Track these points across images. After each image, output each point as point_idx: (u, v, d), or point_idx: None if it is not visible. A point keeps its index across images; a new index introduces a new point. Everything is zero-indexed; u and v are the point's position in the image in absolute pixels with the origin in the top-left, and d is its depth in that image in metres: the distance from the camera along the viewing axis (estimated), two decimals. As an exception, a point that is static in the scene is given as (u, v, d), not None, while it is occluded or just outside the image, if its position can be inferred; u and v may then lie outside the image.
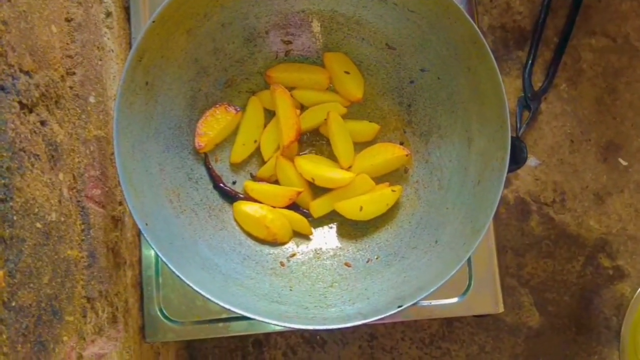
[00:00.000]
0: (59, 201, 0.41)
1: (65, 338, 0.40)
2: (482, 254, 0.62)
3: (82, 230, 0.45)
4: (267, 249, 0.56)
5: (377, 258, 0.55)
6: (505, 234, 0.82)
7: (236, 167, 0.58)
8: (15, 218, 0.34)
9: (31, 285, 0.36)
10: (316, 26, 0.58)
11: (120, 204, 0.55)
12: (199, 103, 0.56)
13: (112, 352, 0.49)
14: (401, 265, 0.53)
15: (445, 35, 0.53)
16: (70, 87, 0.45)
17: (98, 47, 0.52)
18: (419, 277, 0.50)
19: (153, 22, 0.49)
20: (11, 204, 0.34)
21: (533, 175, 0.83)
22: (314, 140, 0.60)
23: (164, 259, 0.45)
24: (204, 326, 0.60)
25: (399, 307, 0.46)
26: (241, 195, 0.57)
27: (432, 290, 0.47)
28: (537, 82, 0.83)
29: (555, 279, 0.82)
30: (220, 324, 0.60)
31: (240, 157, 0.57)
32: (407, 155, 0.56)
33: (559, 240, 0.83)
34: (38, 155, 0.38)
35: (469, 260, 0.62)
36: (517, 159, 0.67)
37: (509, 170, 0.64)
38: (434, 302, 0.61)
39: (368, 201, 0.55)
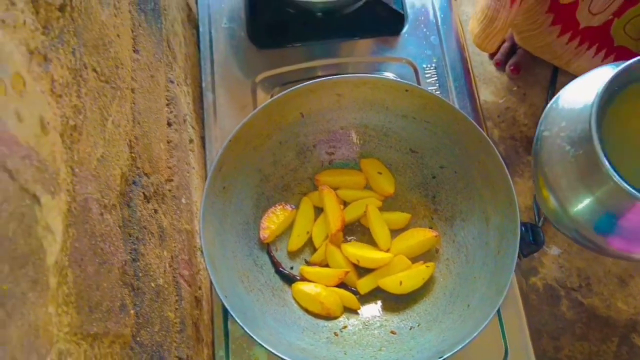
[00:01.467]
0: (164, 271, 0.53)
1: (166, 382, 0.50)
2: (515, 328, 0.69)
3: (176, 301, 0.56)
4: (322, 322, 0.65)
5: (418, 325, 0.63)
6: (539, 318, 0.89)
7: (293, 255, 0.70)
8: (140, 274, 0.46)
9: (147, 329, 0.47)
10: (353, 139, 0.72)
11: (200, 288, 0.66)
12: (262, 203, 0.70)
13: (195, 414, 0.57)
14: (440, 328, 0.61)
15: (456, 138, 0.66)
16: (169, 190, 0.60)
17: (187, 163, 0.67)
18: (455, 335, 0.58)
19: (230, 141, 0.64)
20: (138, 263, 0.46)
21: (557, 263, 0.91)
22: (356, 230, 0.71)
23: (241, 324, 0.56)
24: (268, 404, 0.67)
25: (440, 358, 0.54)
26: (298, 278, 0.67)
27: (467, 342, 0.55)
28: (549, 181, 0.94)
29: (593, 359, 0.86)
30: (283, 400, 0.67)
31: (296, 246, 0.69)
32: (436, 236, 0.67)
33: (591, 322, 0.88)
34: (153, 233, 0.51)
35: (503, 334, 0.69)
36: (536, 240, 0.75)
37: (531, 251, 0.74)
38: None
39: (406, 277, 0.65)
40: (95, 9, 0.43)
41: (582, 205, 0.51)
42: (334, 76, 0.67)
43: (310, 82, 0.67)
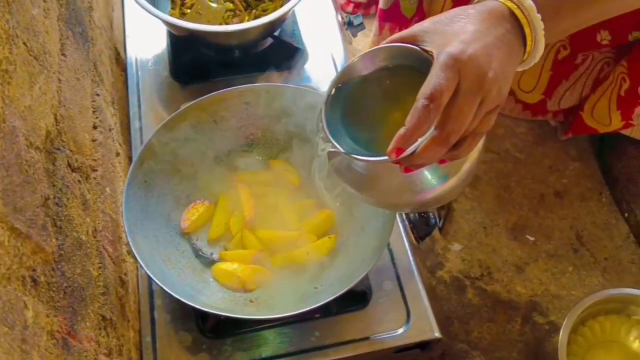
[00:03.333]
0: (87, 233, 0.60)
1: (88, 324, 0.56)
2: (414, 293, 0.78)
3: (100, 267, 0.63)
4: (239, 294, 0.72)
5: (321, 285, 0.71)
6: (448, 307, 0.97)
7: (213, 243, 0.77)
8: (63, 218, 0.54)
9: (69, 266, 0.53)
10: (262, 144, 0.84)
11: (126, 274, 0.73)
12: (182, 200, 0.78)
13: (119, 378, 0.62)
14: (340, 283, 0.69)
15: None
16: (94, 178, 0.68)
17: (112, 164, 0.76)
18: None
19: (149, 141, 0.74)
20: (61, 209, 0.54)
21: (460, 257, 1.02)
22: (269, 220, 0.80)
23: (160, 284, 0.63)
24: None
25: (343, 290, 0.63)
26: (217, 259, 0.75)
27: (362, 275, 0.64)
28: (447, 189, 1.07)
29: (501, 339, 0.95)
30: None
31: (216, 234, 0.77)
32: (333, 212, 0.77)
33: (496, 306, 0.97)
34: (76, 197, 0.59)
35: (404, 299, 0.77)
36: (427, 224, 0.86)
37: (426, 233, 0.85)
38: (384, 335, 0.75)
39: (312, 248, 0.74)
40: (26, 3, 0.54)
41: (358, 177, 0.58)
42: (241, 86, 0.79)
43: (220, 91, 0.79)
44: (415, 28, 0.50)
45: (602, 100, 0.86)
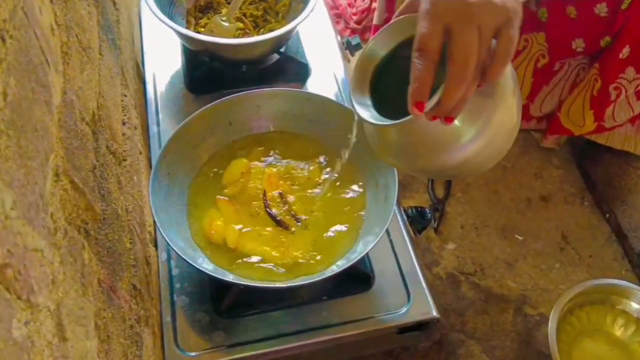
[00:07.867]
0: (122, 208, 0.67)
1: (124, 286, 0.62)
2: (413, 278, 0.84)
3: (131, 242, 0.69)
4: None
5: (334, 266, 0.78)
6: (445, 300, 1.03)
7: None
8: (105, 187, 0.61)
9: (110, 231, 0.60)
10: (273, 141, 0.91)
11: (149, 256, 0.79)
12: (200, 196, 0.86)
13: (148, 342, 0.67)
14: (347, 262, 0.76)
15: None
16: (124, 166, 0.75)
17: (137, 159, 0.83)
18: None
19: (173, 136, 0.82)
20: (103, 181, 0.61)
21: (455, 255, 1.08)
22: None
23: (174, 248, 0.69)
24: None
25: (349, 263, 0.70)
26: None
27: (377, 240, 0.71)
28: (440, 195, 1.15)
29: (494, 329, 1.01)
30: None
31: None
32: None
33: (489, 300, 1.04)
34: (113, 175, 0.66)
35: (405, 283, 0.84)
36: (423, 218, 0.93)
37: (423, 227, 0.92)
38: (387, 315, 0.81)
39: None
40: (77, 4, 0.63)
41: (392, 147, 0.62)
42: (253, 90, 0.88)
43: (234, 95, 0.87)
44: None
45: (577, 100, 0.95)
